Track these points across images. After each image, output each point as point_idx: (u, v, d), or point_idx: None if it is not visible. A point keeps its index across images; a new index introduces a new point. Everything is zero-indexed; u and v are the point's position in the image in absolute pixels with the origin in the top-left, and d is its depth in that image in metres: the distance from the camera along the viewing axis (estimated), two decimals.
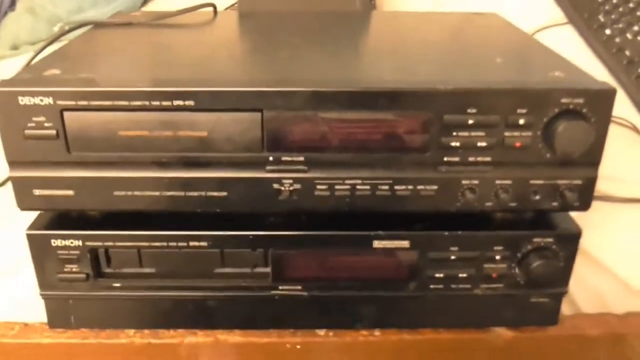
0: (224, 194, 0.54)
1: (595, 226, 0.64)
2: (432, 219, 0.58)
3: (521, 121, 0.52)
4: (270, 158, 0.53)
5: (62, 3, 1.00)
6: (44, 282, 0.59)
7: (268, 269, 0.59)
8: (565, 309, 0.64)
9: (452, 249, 0.57)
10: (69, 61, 0.58)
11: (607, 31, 0.94)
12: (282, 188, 0.54)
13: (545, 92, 0.51)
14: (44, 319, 0.62)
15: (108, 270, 0.59)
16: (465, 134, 0.52)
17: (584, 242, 0.59)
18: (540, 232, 0.57)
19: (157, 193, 0.54)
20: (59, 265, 0.58)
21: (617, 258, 0.67)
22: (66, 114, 0.51)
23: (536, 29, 0.97)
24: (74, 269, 0.58)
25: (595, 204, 0.57)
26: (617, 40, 0.92)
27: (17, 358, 0.62)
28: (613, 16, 0.96)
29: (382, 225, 0.57)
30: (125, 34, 0.70)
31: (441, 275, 0.58)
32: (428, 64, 0.61)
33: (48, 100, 0.50)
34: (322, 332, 0.62)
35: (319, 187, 0.54)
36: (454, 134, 0.52)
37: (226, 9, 0.94)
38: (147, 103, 0.50)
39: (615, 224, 0.70)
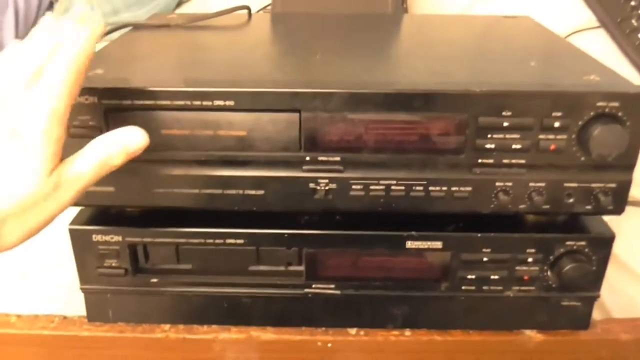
0: (261, 192, 0.55)
1: (627, 231, 0.64)
2: (465, 221, 0.59)
3: (556, 124, 0.52)
4: (307, 158, 0.54)
5: (97, 5, 1.02)
6: (84, 277, 0.61)
7: (302, 268, 0.60)
8: (596, 314, 0.64)
9: (485, 250, 0.58)
10: (112, 62, 0.59)
11: None
12: (318, 187, 0.55)
13: (580, 95, 0.51)
14: (83, 312, 0.63)
15: (146, 265, 0.61)
16: (500, 136, 0.53)
17: (615, 247, 0.59)
18: (573, 235, 0.58)
19: (196, 191, 0.55)
20: (99, 260, 0.60)
21: None
22: (110, 114, 0.52)
23: (568, 33, 0.97)
24: (113, 264, 0.60)
25: (627, 209, 0.57)
26: None
27: (56, 350, 0.64)
28: None
29: (415, 226, 0.58)
30: (163, 36, 0.72)
31: (473, 276, 0.59)
32: (462, 66, 0.61)
33: (93, 99, 0.52)
34: (353, 331, 0.63)
35: (354, 187, 0.54)
36: (489, 136, 0.53)
37: (258, 11, 0.95)
38: (188, 103, 0.52)
39: None
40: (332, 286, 0.60)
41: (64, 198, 0.41)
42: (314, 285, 0.60)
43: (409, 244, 0.58)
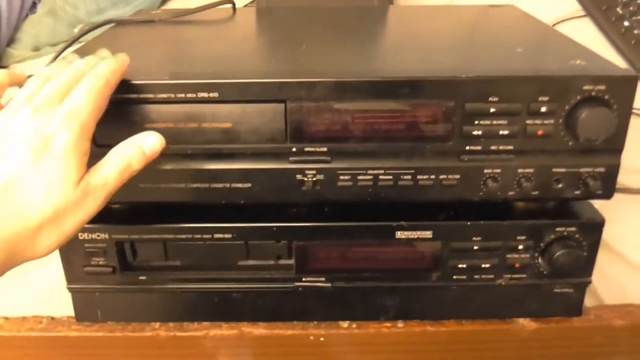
0: (248, 185, 0.54)
1: (615, 217, 0.64)
2: (455, 209, 0.58)
3: (543, 109, 0.52)
4: (294, 149, 0.53)
5: (82, 5, 1.01)
6: (71, 276, 0.60)
7: (292, 261, 0.59)
8: (588, 301, 0.63)
9: (475, 239, 0.57)
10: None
11: (626, 23, 0.94)
12: (305, 179, 0.54)
13: (567, 79, 0.51)
14: (71, 312, 0.63)
15: (134, 263, 0.60)
16: (487, 122, 0.52)
17: (605, 234, 0.58)
18: (563, 221, 0.57)
19: (182, 185, 0.55)
20: (86, 259, 0.59)
21: (638, 249, 0.66)
22: None
23: (554, 22, 0.97)
24: (100, 262, 0.59)
25: (615, 196, 0.56)
26: (636, 32, 0.92)
27: (44, 351, 0.63)
28: (631, 8, 0.95)
29: (404, 216, 0.57)
30: (147, 32, 0.71)
31: (464, 265, 0.59)
32: (448, 54, 0.61)
33: None
34: (345, 324, 0.63)
35: (341, 177, 0.54)
36: (476, 122, 0.52)
37: (244, 5, 0.94)
38: (172, 95, 0.51)
39: (635, 215, 0.70)
40: (323, 279, 0.60)
41: (93, 205, 0.44)
42: (304, 279, 0.60)
43: (399, 234, 0.57)
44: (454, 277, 0.59)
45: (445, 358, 0.65)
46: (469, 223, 0.57)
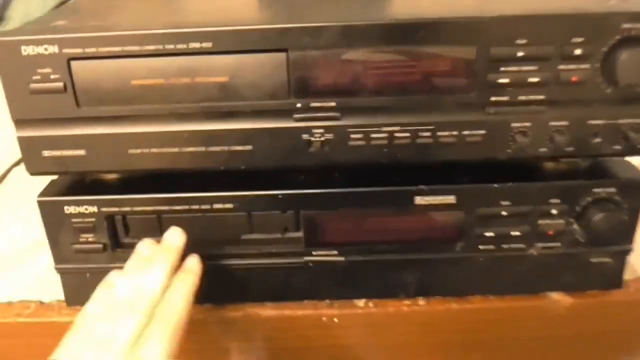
0: (249, 147, 0.49)
1: None
2: (480, 171, 0.52)
3: (577, 52, 0.46)
4: (298, 105, 0.48)
5: None
6: (59, 255, 0.55)
7: (300, 234, 0.53)
8: (626, 275, 0.57)
9: (503, 203, 0.52)
10: (78, 13, 0.53)
11: None
12: (313, 139, 0.49)
13: (604, 17, 0.45)
14: (62, 297, 0.57)
15: (126, 239, 0.55)
16: (515, 69, 0.47)
17: None
18: (601, 182, 0.51)
19: (175, 149, 0.49)
20: (74, 235, 0.54)
21: None
22: (74, 64, 0.47)
23: None
24: (90, 239, 0.54)
25: None
26: None
27: (33, 339, 0.58)
28: None
29: (424, 179, 0.52)
30: None
31: (491, 234, 0.53)
32: None
33: (53, 49, 0.46)
34: (361, 302, 0.57)
35: (353, 136, 0.48)
36: (502, 69, 0.47)
37: None
38: (160, 47, 0.46)
39: None
40: (335, 253, 0.54)
41: None
42: (314, 253, 0.54)
43: (418, 200, 0.52)
44: (480, 247, 0.53)
45: (471, 338, 0.59)
46: (496, 186, 0.51)
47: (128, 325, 0.45)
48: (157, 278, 0.48)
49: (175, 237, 0.52)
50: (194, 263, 0.52)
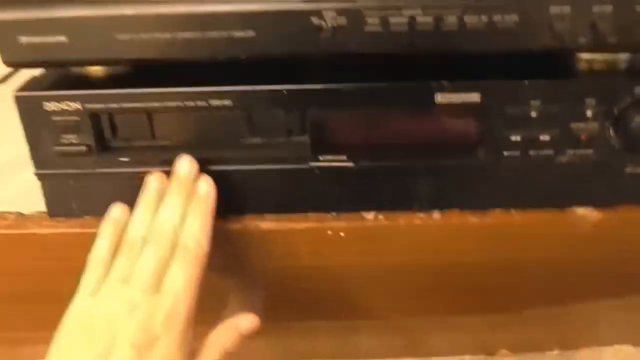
0: (251, 33, 0.43)
1: None
2: (508, 67, 0.47)
3: None
4: None
5: None
6: (39, 159, 0.50)
7: (306, 137, 0.48)
8: None
9: (533, 102, 0.46)
10: None
11: None
12: (323, 23, 0.42)
13: None
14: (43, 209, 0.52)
15: (114, 142, 0.49)
16: None
17: None
18: None
19: (168, 35, 0.43)
20: (56, 135, 0.48)
21: None
22: None
23: None
24: (73, 140, 0.48)
25: None
26: None
27: (11, 252, 0.53)
28: None
29: (446, 75, 0.46)
30: None
31: (518, 137, 0.48)
32: None
33: None
34: (370, 215, 0.52)
35: (369, 20, 0.42)
36: None
37: None
38: None
39: None
40: (344, 157, 0.49)
41: None
42: (321, 158, 0.49)
43: (439, 98, 0.46)
44: (505, 153, 0.48)
45: (488, 258, 0.55)
46: (526, 82, 0.46)
47: (147, 260, 0.44)
48: (173, 210, 0.46)
49: (186, 165, 0.48)
50: (208, 188, 0.48)
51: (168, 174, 0.49)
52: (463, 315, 0.67)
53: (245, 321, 0.48)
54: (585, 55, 0.48)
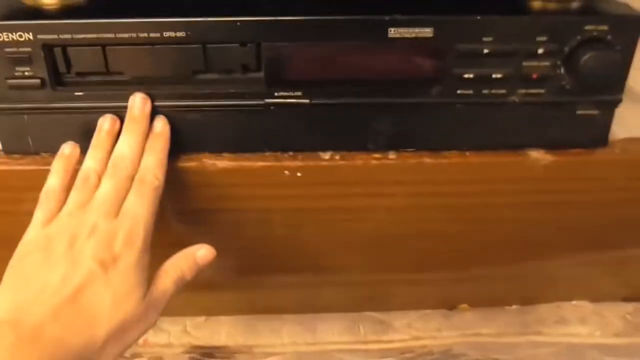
0: None
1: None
2: (462, 3, 0.47)
3: None
4: None
5: None
6: None
7: (261, 74, 0.48)
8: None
9: (485, 39, 0.47)
10: None
11: None
12: None
13: None
14: None
15: (68, 76, 0.49)
16: None
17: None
18: (592, 18, 0.47)
19: None
20: (8, 68, 0.48)
21: None
22: None
23: None
24: (26, 73, 0.48)
25: None
26: None
27: None
28: None
29: (400, 10, 0.46)
30: None
31: (471, 75, 0.48)
32: None
33: None
34: (327, 155, 0.52)
35: None
36: None
37: None
38: None
39: None
40: (299, 94, 0.49)
41: (153, 318, 0.44)
42: (276, 94, 0.49)
43: (392, 32, 0.46)
44: (459, 91, 0.49)
45: (445, 195, 0.55)
46: (478, 17, 0.46)
47: (106, 189, 0.45)
48: (129, 146, 0.47)
49: (140, 102, 0.48)
50: (163, 125, 0.49)
51: (123, 109, 0.49)
52: (423, 269, 0.67)
53: (202, 250, 0.48)
54: None
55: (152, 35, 0.46)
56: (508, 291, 0.74)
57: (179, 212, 0.54)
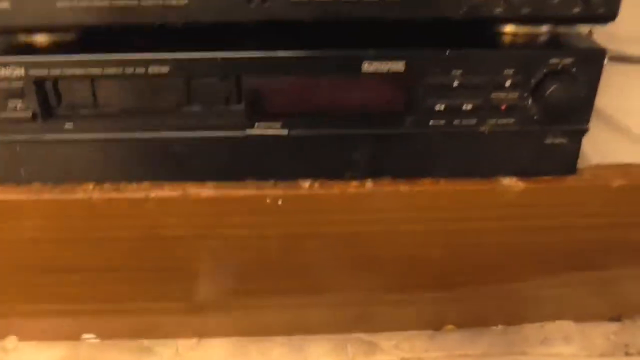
0: (184, 1, 0.45)
1: (612, 87, 0.56)
2: (432, 39, 0.50)
3: None
4: None
5: None
6: None
7: (242, 105, 0.50)
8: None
9: (455, 72, 0.49)
10: None
11: None
12: None
13: None
14: None
15: (59, 109, 0.51)
16: None
17: (599, 103, 0.51)
18: (557, 51, 0.49)
19: (106, 3, 0.46)
20: (1, 101, 0.50)
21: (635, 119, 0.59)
22: None
23: None
24: (18, 106, 0.50)
25: (612, 66, 0.50)
26: None
27: None
28: None
29: (373, 45, 0.49)
30: None
31: (442, 106, 0.50)
32: None
33: None
34: (306, 183, 0.54)
35: None
36: None
37: None
38: None
39: (633, 85, 0.62)
40: (278, 125, 0.51)
41: None
42: (256, 125, 0.51)
43: (366, 66, 0.49)
44: (431, 122, 0.51)
45: (422, 222, 0.57)
46: (447, 52, 0.48)
47: None
48: None
49: None
50: None
51: (112, 141, 0.51)
52: (408, 291, 0.69)
53: None
54: (508, 28, 0.51)
55: (137, 70, 0.49)
56: (493, 312, 0.76)
57: (166, 239, 0.56)
